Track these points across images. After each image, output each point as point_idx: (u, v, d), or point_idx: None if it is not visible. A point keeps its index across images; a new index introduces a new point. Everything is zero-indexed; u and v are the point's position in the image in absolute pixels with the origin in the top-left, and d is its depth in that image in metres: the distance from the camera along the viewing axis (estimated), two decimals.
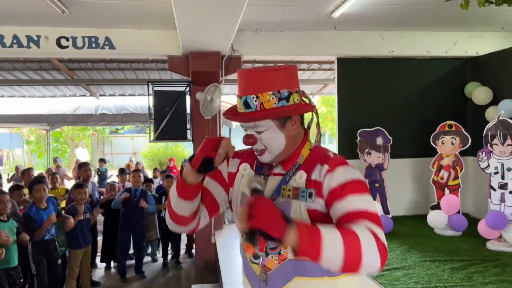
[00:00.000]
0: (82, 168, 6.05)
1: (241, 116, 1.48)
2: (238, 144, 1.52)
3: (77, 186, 5.18)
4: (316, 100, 23.58)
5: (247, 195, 1.47)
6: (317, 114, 1.60)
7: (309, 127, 1.61)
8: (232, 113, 1.53)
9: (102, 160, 10.91)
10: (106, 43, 5.91)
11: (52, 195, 5.24)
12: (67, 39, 5.79)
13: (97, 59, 7.52)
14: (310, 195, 1.42)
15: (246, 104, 1.45)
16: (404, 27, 6.39)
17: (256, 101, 1.43)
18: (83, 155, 19.17)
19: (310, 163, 1.48)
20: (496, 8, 4.80)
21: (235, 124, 9.93)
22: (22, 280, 3.99)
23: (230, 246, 5.40)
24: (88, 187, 5.93)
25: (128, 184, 6.70)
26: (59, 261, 4.57)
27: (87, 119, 9.86)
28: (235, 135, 9.92)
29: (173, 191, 1.49)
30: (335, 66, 6.78)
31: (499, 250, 4.94)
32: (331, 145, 27.11)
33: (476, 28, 6.56)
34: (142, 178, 6.11)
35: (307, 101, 1.56)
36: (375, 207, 1.43)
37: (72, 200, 5.21)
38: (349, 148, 6.54)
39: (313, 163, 1.48)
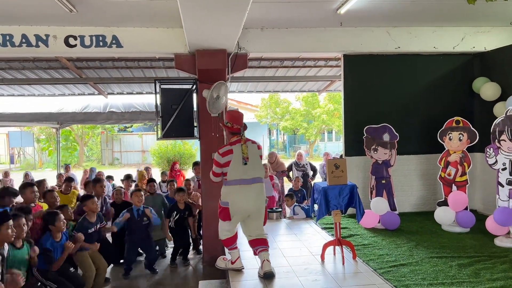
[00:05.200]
0: (98, 184, 5.92)
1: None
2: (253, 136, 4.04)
3: (88, 197, 5.14)
4: (323, 97, 23.51)
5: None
6: (227, 129, 4.38)
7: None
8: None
9: (110, 178, 10.41)
10: (114, 41, 5.97)
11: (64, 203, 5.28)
12: (75, 38, 5.86)
13: (105, 57, 7.59)
14: None
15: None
16: (411, 23, 6.36)
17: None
18: None
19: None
20: (504, 3, 4.76)
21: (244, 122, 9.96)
22: None
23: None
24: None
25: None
26: (72, 269, 4.60)
27: (96, 117, 9.95)
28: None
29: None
30: (341, 62, 6.78)
31: (507, 246, 4.92)
32: (337, 142, 27.02)
33: (483, 23, 6.51)
34: (143, 198, 5.81)
35: (230, 125, 4.32)
36: (214, 168, 4.28)
37: (83, 211, 5.12)
38: (355, 144, 6.55)
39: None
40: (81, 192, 7.71)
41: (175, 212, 6.17)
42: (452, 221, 5.71)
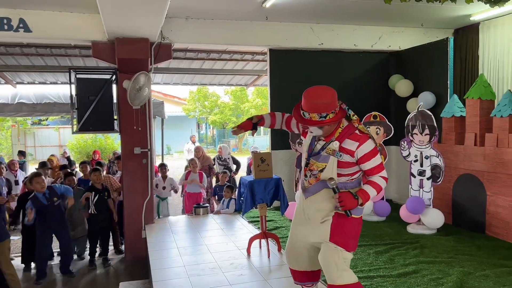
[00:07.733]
0: None
1: (305, 121, 2.78)
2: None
3: None
4: (251, 92, 23.67)
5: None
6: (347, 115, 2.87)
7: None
8: (299, 118, 2.86)
9: (21, 153, 10.05)
10: (21, 25, 5.41)
11: None
12: None
13: (11, 42, 6.88)
14: (341, 155, 2.75)
15: (306, 115, 2.76)
16: (333, 20, 6.55)
17: (309, 115, 2.75)
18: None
19: (341, 137, 2.77)
20: (416, 5, 5.07)
21: (167, 114, 9.67)
22: None
23: (161, 241, 5.24)
24: None
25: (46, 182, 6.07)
26: None
27: (3, 108, 8.98)
28: (167, 126, 9.66)
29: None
30: (267, 57, 6.80)
31: (418, 233, 5.30)
32: (265, 136, 27.44)
33: (398, 24, 6.91)
34: (45, 182, 5.30)
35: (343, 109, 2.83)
36: (380, 159, 2.78)
37: None
38: (281, 138, 6.63)
39: (343, 137, 2.77)
40: None
41: (94, 192, 5.77)
42: (370, 211, 6.02)
